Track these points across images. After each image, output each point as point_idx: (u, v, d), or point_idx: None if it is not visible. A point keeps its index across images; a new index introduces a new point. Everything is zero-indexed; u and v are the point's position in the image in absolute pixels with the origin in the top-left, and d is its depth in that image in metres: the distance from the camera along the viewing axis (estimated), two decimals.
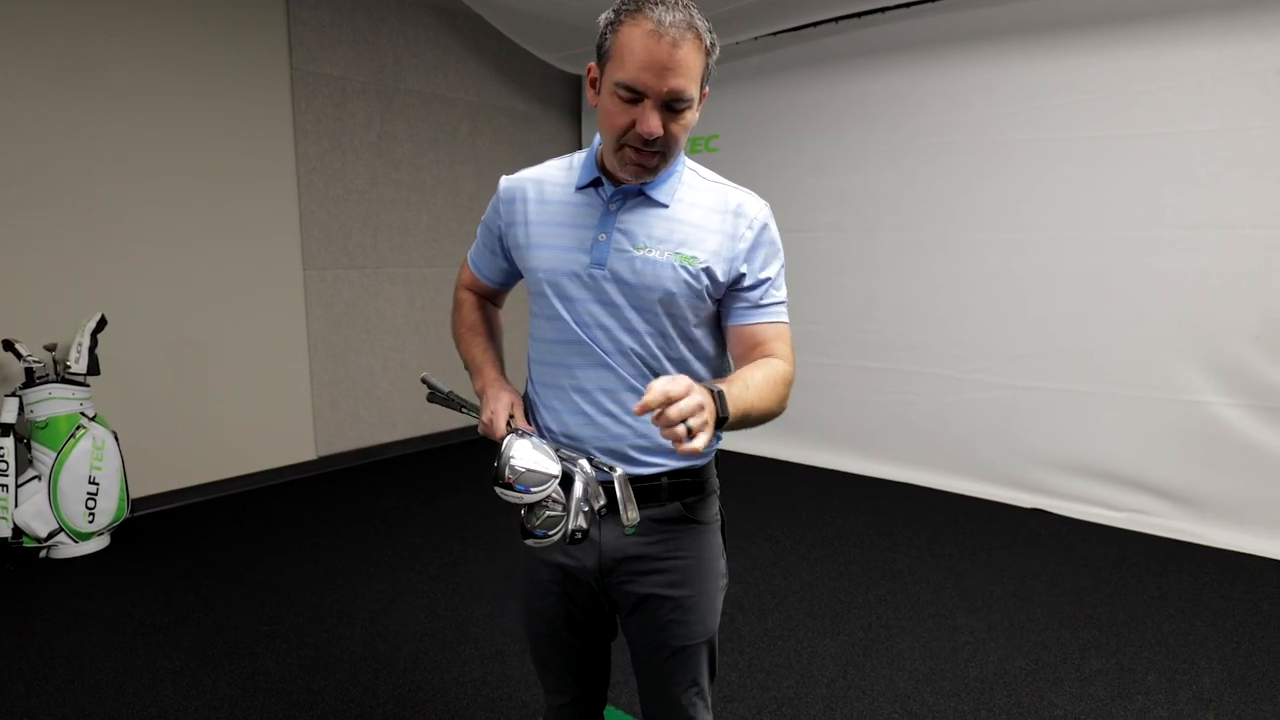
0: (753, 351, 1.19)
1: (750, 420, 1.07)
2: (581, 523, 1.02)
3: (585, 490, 1.04)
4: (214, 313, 3.84)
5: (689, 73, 1.03)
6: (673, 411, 0.87)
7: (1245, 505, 3.26)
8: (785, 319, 1.22)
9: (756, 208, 1.18)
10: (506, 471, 1.03)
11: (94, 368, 3.20)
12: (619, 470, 1.02)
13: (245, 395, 4.00)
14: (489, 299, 1.41)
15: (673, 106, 1.05)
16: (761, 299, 1.18)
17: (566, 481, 1.05)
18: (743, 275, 1.16)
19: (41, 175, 3.26)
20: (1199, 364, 3.32)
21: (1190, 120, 3.25)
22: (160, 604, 2.77)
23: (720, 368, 1.27)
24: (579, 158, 1.22)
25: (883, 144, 4.12)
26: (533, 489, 1.03)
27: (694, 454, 0.88)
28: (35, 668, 2.34)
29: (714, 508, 1.28)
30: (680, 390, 0.88)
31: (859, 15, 4.04)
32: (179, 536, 3.41)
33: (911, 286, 4.11)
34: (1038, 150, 3.63)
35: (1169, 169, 3.31)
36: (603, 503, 1.06)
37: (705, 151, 4.79)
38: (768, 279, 1.19)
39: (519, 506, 1.06)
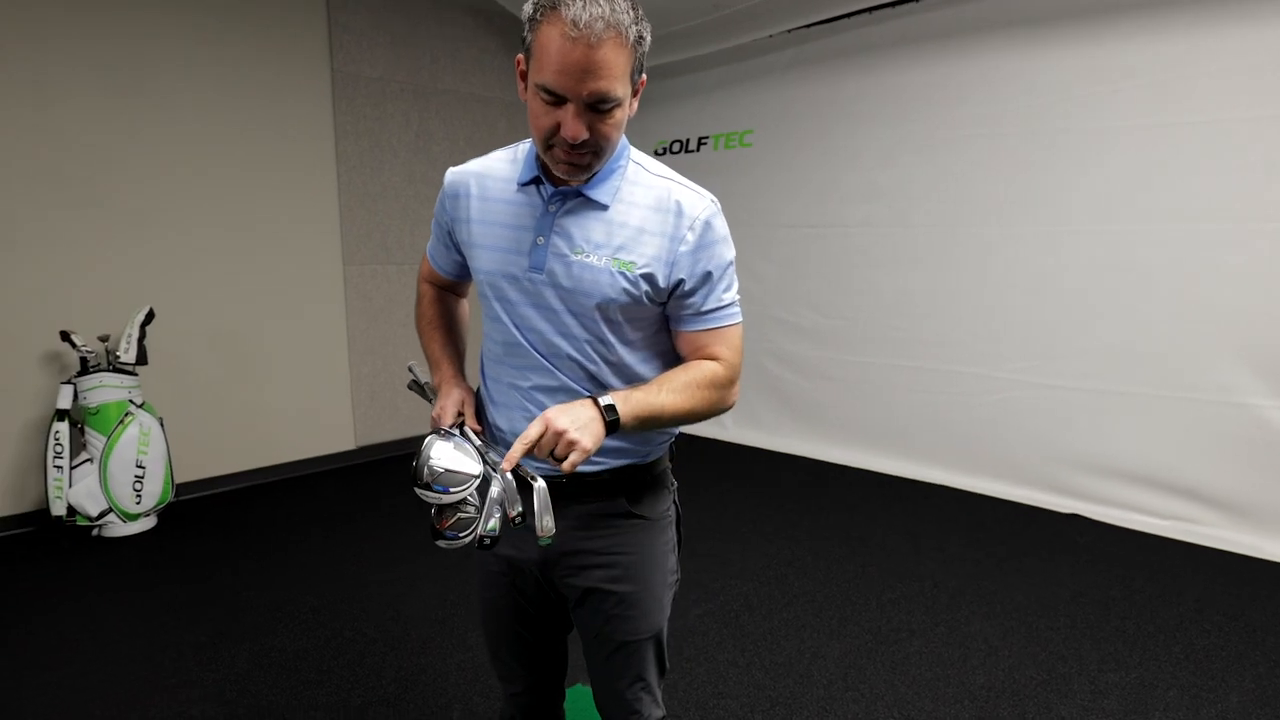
0: (695, 355, 1.18)
1: (663, 420, 1.10)
2: (493, 527, 1.00)
3: (501, 495, 1.01)
4: (257, 306, 4.01)
5: (611, 73, 0.98)
6: (536, 452, 1.00)
7: None
8: (733, 320, 1.17)
9: (699, 206, 1.12)
10: (425, 472, 1.01)
11: (142, 358, 3.39)
12: (539, 482, 1.00)
13: (287, 386, 4.16)
14: (450, 290, 1.41)
15: (597, 108, 1.01)
16: (704, 305, 1.14)
17: (485, 485, 1.04)
18: (682, 281, 1.12)
19: (94, 176, 3.46)
20: (1250, 365, 3.12)
21: (1244, 107, 3.06)
22: (194, 582, 2.92)
23: (666, 368, 1.21)
24: (524, 149, 1.19)
25: (920, 137, 4.00)
26: (451, 489, 1.01)
27: (571, 469, 1.00)
28: (76, 636, 2.51)
29: (665, 503, 1.27)
30: (536, 433, 1.00)
31: (893, 5, 3.94)
32: (219, 520, 3.58)
33: (948, 282, 3.99)
34: (1081, 141, 3.47)
35: (1220, 159, 3.12)
36: (519, 510, 1.02)
37: (740, 147, 4.75)
38: (711, 284, 1.14)
39: (432, 506, 1.04)
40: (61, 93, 3.34)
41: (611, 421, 1.03)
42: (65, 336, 3.28)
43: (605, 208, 1.11)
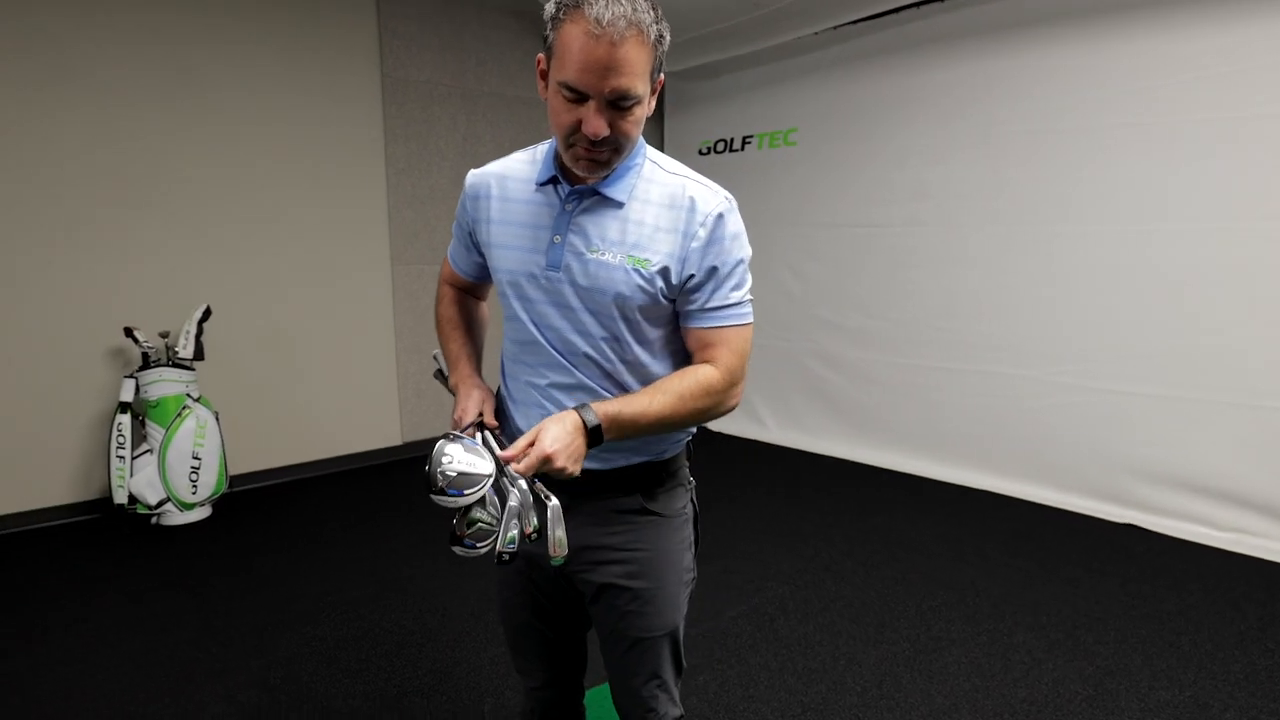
0: (699, 354, 1.18)
1: (652, 431, 1.13)
2: (512, 538, 1.01)
3: (519, 507, 1.02)
4: (309, 304, 4.13)
5: (632, 70, 1.00)
6: (524, 469, 1.03)
7: None
8: (740, 320, 1.17)
9: (712, 202, 1.12)
10: (439, 478, 1.01)
11: (199, 354, 3.53)
12: (553, 500, 1.03)
13: (337, 382, 4.28)
14: (469, 292, 1.44)
15: (618, 105, 1.02)
16: (709, 302, 1.14)
17: (503, 496, 1.04)
18: (692, 276, 1.12)
19: (155, 178, 3.61)
20: None
21: None
22: (244, 571, 3.02)
23: (682, 366, 1.22)
24: (543, 150, 1.21)
25: (968, 134, 3.90)
26: (466, 491, 1.02)
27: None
28: (131, 618, 2.62)
29: (680, 501, 1.27)
30: (529, 464, 1.03)
31: None
32: (270, 511, 3.70)
33: (998, 283, 3.88)
34: (1140, 136, 3.34)
35: None
36: (535, 526, 1.03)
37: (784, 146, 4.71)
38: (717, 280, 1.14)
39: (453, 512, 1.05)
40: (123, 97, 3.49)
41: (594, 436, 1.07)
42: (129, 333, 3.44)
43: (621, 205, 1.12)
